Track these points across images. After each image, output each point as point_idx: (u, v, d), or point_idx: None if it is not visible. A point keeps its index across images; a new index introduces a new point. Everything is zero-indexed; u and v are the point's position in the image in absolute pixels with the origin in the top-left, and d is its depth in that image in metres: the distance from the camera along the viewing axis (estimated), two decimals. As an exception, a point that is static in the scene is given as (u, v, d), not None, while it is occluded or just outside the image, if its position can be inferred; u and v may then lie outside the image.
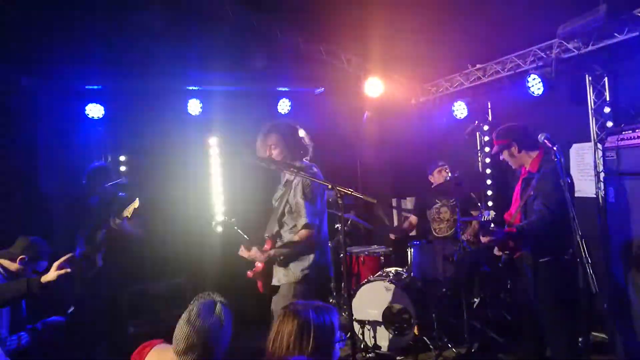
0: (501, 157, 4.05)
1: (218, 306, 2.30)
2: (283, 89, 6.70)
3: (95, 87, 6.02)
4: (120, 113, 6.11)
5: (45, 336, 3.65)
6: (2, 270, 3.64)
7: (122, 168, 6.38)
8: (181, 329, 2.20)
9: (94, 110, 5.87)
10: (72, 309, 3.58)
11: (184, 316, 2.24)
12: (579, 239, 3.07)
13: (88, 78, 5.95)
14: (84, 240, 5.18)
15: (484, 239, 3.75)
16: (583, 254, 3.02)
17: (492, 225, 4.09)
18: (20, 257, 3.64)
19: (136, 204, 4.90)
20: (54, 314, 3.88)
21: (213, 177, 6.78)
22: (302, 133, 3.92)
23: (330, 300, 5.82)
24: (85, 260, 5.03)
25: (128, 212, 4.92)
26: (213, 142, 6.81)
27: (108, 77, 5.97)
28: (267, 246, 3.75)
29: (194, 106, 6.21)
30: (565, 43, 4.83)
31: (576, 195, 4.09)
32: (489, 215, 3.93)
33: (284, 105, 6.61)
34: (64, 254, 3.40)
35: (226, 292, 2.44)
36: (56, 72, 5.68)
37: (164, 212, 5.91)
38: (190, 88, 6.36)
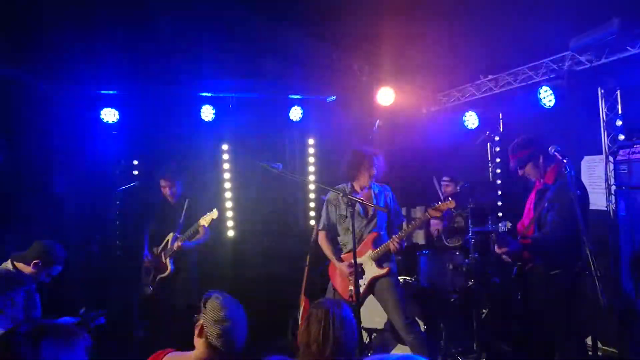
0: (520, 172, 3.92)
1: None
2: (295, 97, 6.73)
3: (110, 92, 6.11)
4: (134, 118, 6.21)
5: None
6: (15, 272, 3.69)
7: (135, 172, 6.47)
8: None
9: (109, 115, 5.95)
10: (83, 310, 3.61)
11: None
12: (588, 252, 3.07)
13: (103, 83, 6.03)
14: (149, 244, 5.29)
15: (499, 250, 3.74)
16: (592, 266, 3.02)
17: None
18: (34, 261, 3.67)
19: (215, 214, 4.98)
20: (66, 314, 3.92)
21: (225, 183, 6.84)
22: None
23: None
24: (156, 264, 5.11)
25: (206, 221, 4.98)
26: (225, 148, 6.87)
27: (123, 82, 6.05)
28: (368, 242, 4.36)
29: (207, 112, 6.27)
30: (577, 56, 4.84)
31: (587, 207, 4.07)
32: (505, 226, 3.87)
33: (296, 113, 6.62)
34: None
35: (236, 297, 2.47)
36: (72, 76, 5.76)
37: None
38: (204, 94, 6.42)
